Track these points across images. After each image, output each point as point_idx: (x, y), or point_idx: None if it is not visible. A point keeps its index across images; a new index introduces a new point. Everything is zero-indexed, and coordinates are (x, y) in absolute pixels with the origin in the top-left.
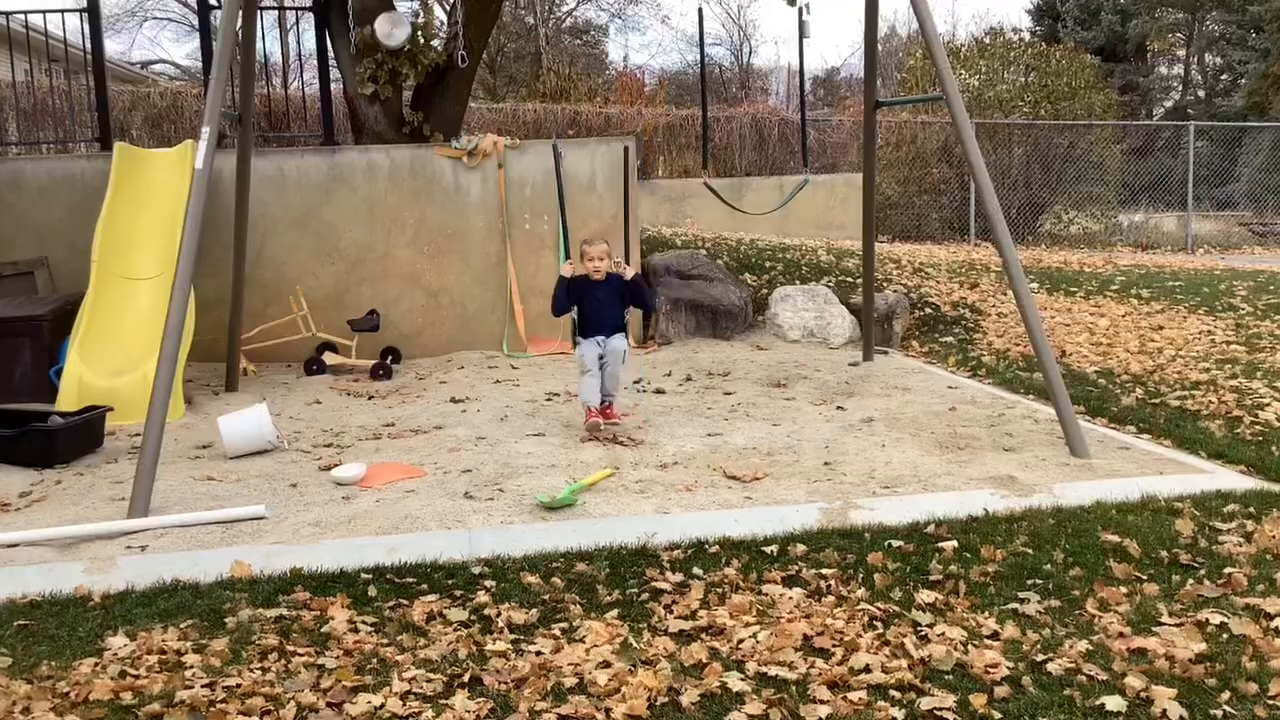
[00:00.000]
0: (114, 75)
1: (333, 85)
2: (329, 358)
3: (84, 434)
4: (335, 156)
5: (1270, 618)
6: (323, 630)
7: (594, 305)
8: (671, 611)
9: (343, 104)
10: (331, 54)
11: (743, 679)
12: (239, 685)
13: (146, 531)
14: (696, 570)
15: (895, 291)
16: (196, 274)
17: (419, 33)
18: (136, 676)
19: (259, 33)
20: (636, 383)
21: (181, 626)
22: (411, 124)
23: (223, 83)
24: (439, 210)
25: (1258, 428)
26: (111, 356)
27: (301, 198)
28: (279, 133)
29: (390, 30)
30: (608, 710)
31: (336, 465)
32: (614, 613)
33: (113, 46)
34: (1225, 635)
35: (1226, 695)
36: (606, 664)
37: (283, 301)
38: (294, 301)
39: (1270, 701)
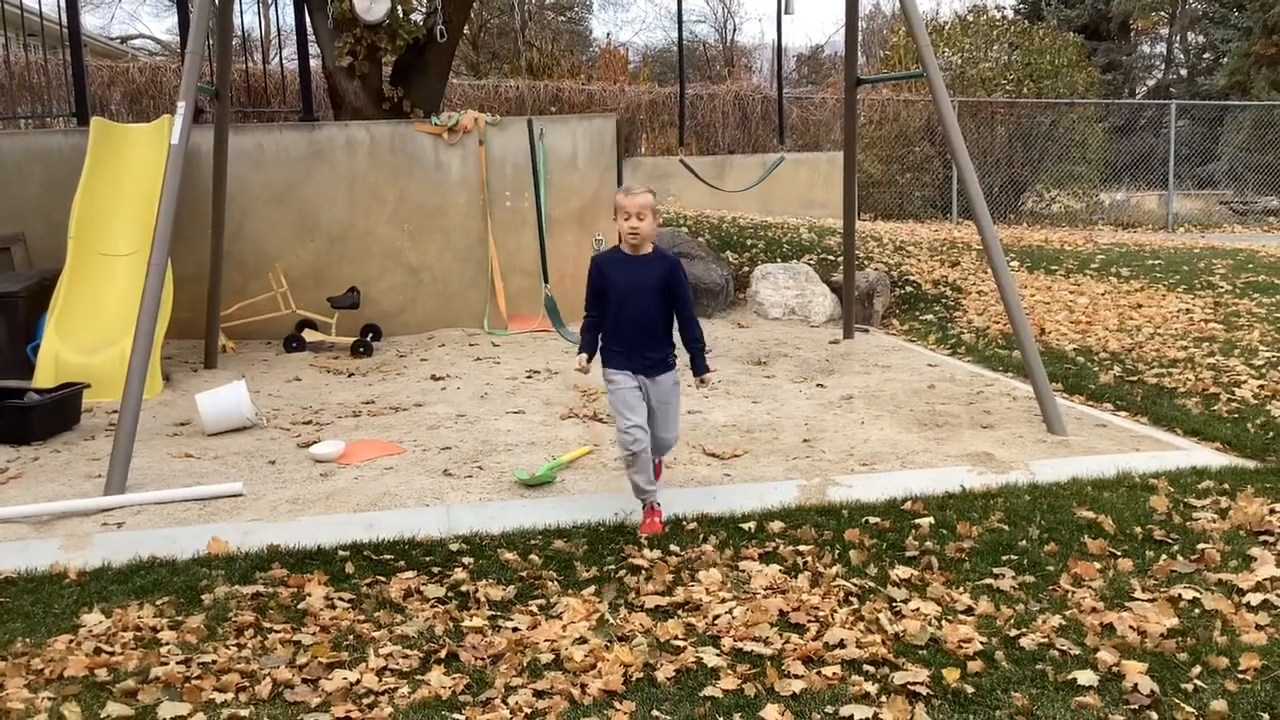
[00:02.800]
0: (92, 50)
1: (312, 61)
2: (309, 335)
3: (61, 411)
4: (315, 132)
5: (1242, 593)
6: (299, 607)
7: (626, 299)
8: (648, 588)
9: (322, 80)
10: (311, 29)
11: (718, 654)
12: (215, 662)
13: (123, 508)
14: (674, 547)
15: (876, 270)
16: (174, 250)
17: (398, 7)
18: (112, 653)
19: (238, 7)
20: None
21: (158, 603)
22: (391, 100)
23: (199, 57)
24: (420, 187)
25: (1234, 405)
26: (89, 333)
27: (280, 174)
28: (258, 108)
29: (369, 4)
30: (583, 686)
31: (315, 442)
32: (591, 589)
33: (91, 21)
34: (1197, 610)
35: (1198, 670)
36: (583, 640)
37: (262, 278)
38: (273, 278)
39: (1241, 676)
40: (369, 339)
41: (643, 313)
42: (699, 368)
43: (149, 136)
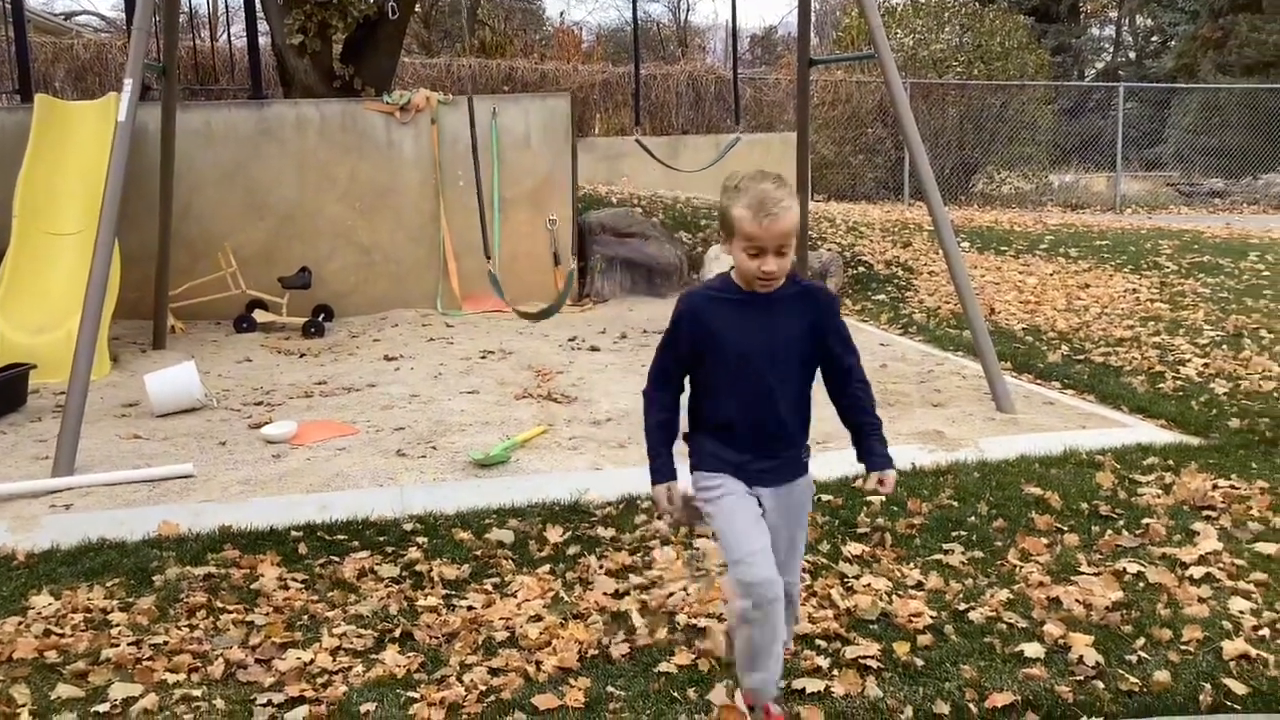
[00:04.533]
0: (35, 26)
1: (261, 38)
2: (259, 315)
3: (6, 392)
4: (264, 110)
5: (1185, 566)
6: (252, 588)
7: (746, 365)
8: (603, 566)
9: (271, 57)
10: (260, 6)
11: (672, 631)
12: (166, 643)
13: (72, 490)
14: (628, 526)
15: (829, 250)
16: (121, 230)
17: None
18: (62, 635)
19: None
20: (571, 340)
21: (108, 585)
22: (342, 78)
23: (145, 33)
24: (371, 166)
25: (1179, 383)
26: (34, 313)
27: (229, 152)
28: (206, 86)
29: None
30: (538, 663)
31: (267, 423)
32: (546, 568)
33: None
34: (1142, 584)
35: (1141, 641)
36: (538, 618)
37: (211, 258)
38: (222, 258)
39: (1184, 647)
40: (321, 319)
41: (773, 386)
42: (876, 457)
43: (94, 114)
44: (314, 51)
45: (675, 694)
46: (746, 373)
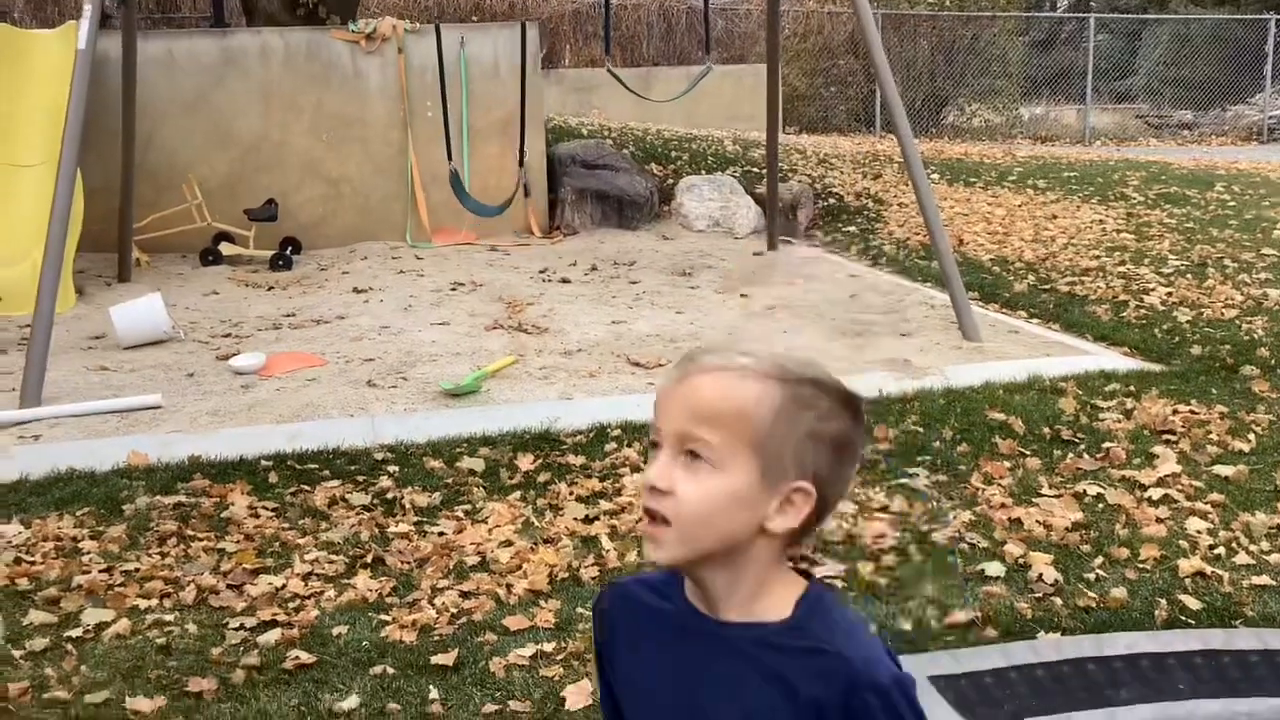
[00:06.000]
0: None
1: None
2: (226, 248)
3: None
4: (227, 39)
5: (1144, 489)
6: (222, 516)
7: None
8: (573, 493)
9: None
10: None
11: (640, 555)
12: (138, 570)
13: (39, 421)
14: (598, 453)
15: (800, 182)
16: (84, 162)
17: None
18: (32, 563)
19: None
20: (541, 272)
21: (78, 514)
22: (306, 5)
23: None
24: (337, 96)
25: (1142, 312)
26: None
27: (192, 83)
28: (167, 14)
29: None
30: (509, 586)
31: (235, 355)
32: (516, 495)
33: None
34: (1101, 505)
35: (1100, 560)
36: (509, 543)
37: (175, 190)
38: (187, 190)
39: (1140, 565)
40: (288, 252)
41: None
42: None
43: (54, 43)
44: None
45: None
46: None
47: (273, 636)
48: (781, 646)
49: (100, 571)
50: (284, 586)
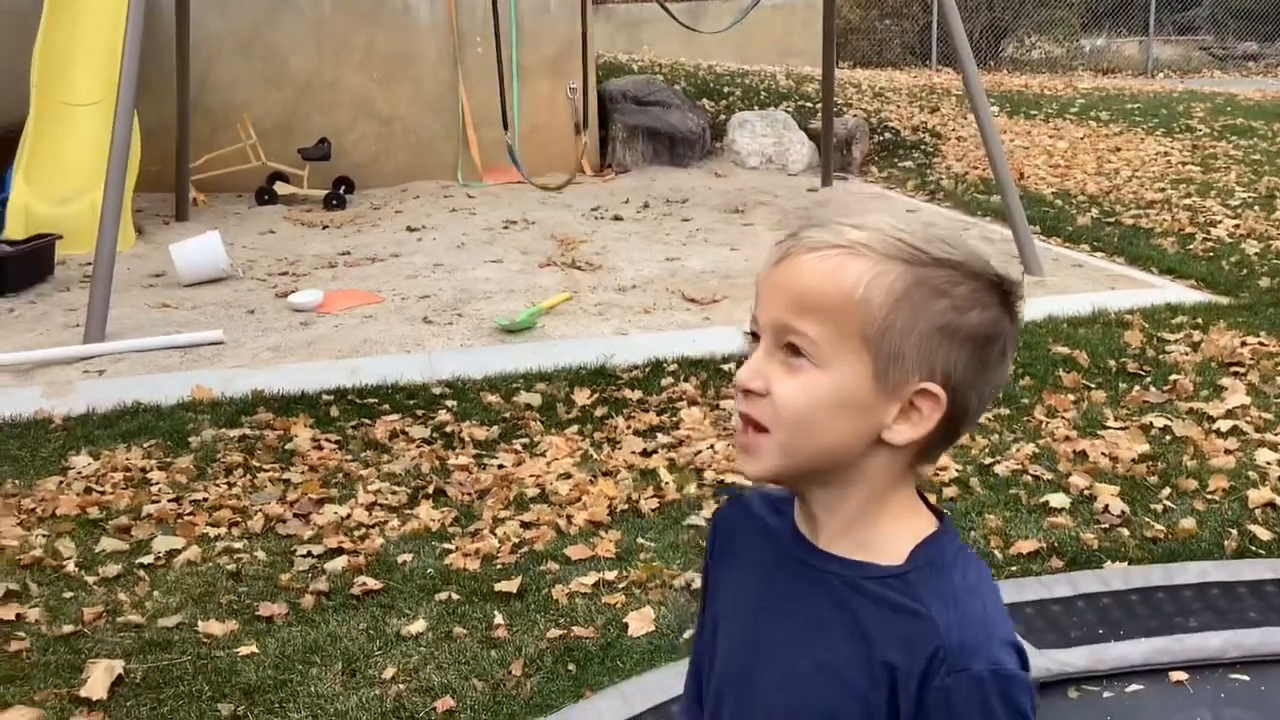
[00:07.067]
0: None
1: None
2: (280, 187)
3: (34, 262)
4: None
5: (1212, 420)
6: (287, 448)
7: (724, 698)
8: (630, 426)
9: None
10: None
11: (700, 486)
12: (206, 499)
13: (104, 356)
14: (655, 387)
15: (855, 116)
16: (140, 102)
17: None
18: (102, 493)
19: None
20: (594, 210)
21: (145, 446)
22: None
23: None
24: (388, 34)
25: (1209, 244)
26: (57, 184)
27: (246, 20)
28: None
29: None
30: (569, 517)
31: (293, 292)
32: (574, 429)
33: None
34: (1168, 437)
35: (1167, 492)
36: (568, 475)
37: (230, 129)
38: (241, 129)
39: (1209, 496)
40: (342, 191)
41: None
42: None
43: None
44: None
45: (703, 543)
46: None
47: (340, 564)
48: (879, 597)
49: (169, 501)
50: (349, 516)
